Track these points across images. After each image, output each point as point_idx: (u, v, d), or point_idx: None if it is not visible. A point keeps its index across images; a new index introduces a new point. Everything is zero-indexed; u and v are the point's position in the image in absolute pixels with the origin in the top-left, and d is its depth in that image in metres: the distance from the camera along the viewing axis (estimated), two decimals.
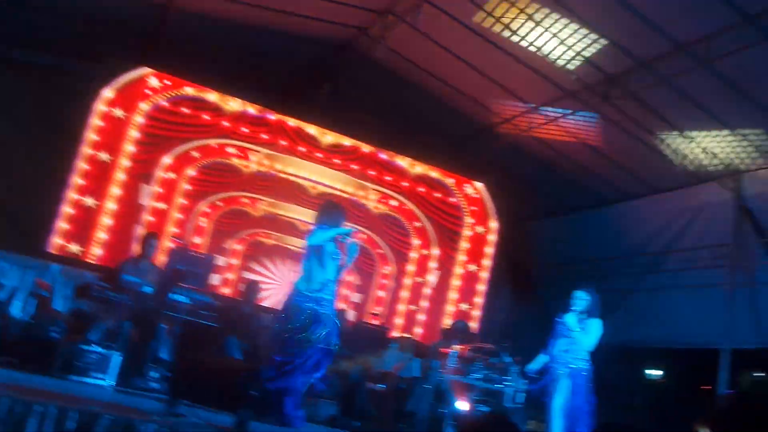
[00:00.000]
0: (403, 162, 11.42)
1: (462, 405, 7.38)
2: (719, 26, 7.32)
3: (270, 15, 9.67)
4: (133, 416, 4.14)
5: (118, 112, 9.73)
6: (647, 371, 13.56)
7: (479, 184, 11.78)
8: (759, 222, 9.11)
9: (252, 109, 10.55)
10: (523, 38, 8.89)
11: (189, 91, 10.24)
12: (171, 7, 9.48)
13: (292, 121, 10.81)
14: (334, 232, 5.79)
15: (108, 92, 9.66)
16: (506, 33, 8.94)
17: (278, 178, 10.86)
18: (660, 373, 13.48)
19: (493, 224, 11.76)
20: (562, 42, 8.66)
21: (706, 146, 9.08)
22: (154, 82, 10.01)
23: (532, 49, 8.99)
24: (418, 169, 11.52)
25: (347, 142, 11.11)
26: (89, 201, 9.44)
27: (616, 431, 2.35)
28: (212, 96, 10.35)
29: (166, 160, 10.11)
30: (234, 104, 10.44)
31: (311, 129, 10.92)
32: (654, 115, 9.06)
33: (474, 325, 11.01)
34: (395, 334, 10.54)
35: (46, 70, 9.83)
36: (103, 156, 9.59)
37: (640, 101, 8.90)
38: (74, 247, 9.29)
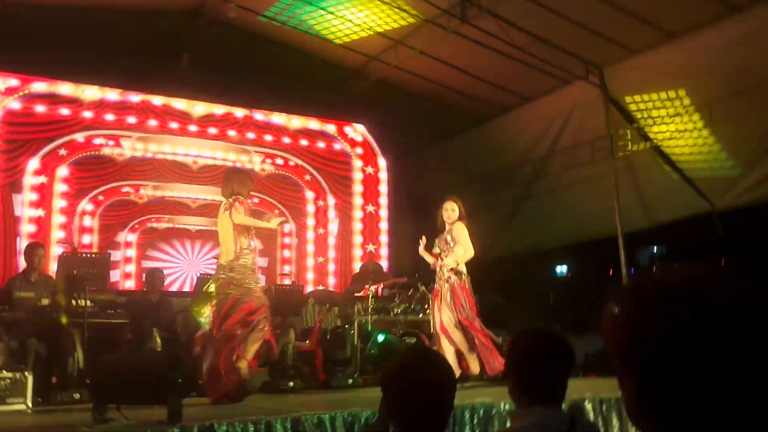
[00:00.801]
0: (279, 119, 11.27)
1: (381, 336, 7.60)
2: None
3: None
4: None
5: None
6: (557, 269, 14.19)
7: (360, 126, 11.80)
8: (626, 110, 9.58)
9: (113, 94, 10.07)
10: None
11: (39, 87, 9.64)
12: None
13: (157, 99, 10.41)
14: None
15: None
16: None
17: (156, 160, 10.50)
18: (566, 268, 14.15)
19: (382, 162, 11.85)
20: None
21: (566, 48, 9.38)
22: None
23: None
24: (296, 122, 11.40)
25: (219, 109, 10.83)
26: None
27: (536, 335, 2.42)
28: (66, 88, 9.79)
29: (33, 164, 9.54)
30: (92, 92, 9.93)
31: (179, 103, 10.57)
32: (512, 27, 9.25)
33: (384, 263, 11.17)
34: (309, 289, 10.56)
35: None
36: None
37: (497, 16, 9.05)
38: None
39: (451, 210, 6.71)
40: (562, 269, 14.27)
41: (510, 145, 11.26)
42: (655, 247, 12.95)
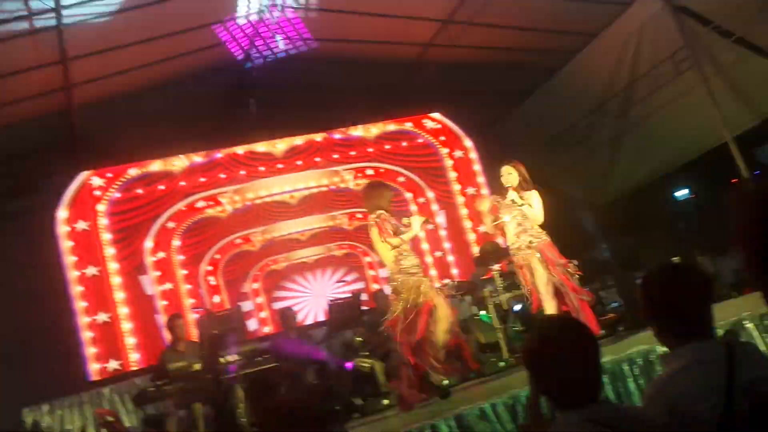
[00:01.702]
0: (357, 132, 11.38)
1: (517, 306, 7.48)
2: None
3: (169, 66, 9.53)
4: None
5: (82, 225, 9.67)
6: (677, 194, 13.56)
7: (436, 114, 11.76)
8: (696, 12, 9.11)
9: (198, 158, 10.48)
10: None
11: (133, 172, 10.16)
12: (72, 109, 9.34)
13: (240, 149, 10.75)
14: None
15: (62, 213, 9.60)
16: None
17: (256, 206, 10.84)
18: (687, 191, 13.50)
19: (468, 143, 11.75)
20: None
21: None
22: (97, 181, 9.94)
23: None
24: (374, 130, 11.49)
25: (299, 140, 11.06)
26: (102, 317, 9.43)
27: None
28: (156, 165, 10.28)
29: (148, 244, 10.07)
30: (179, 162, 10.38)
31: (260, 147, 10.87)
32: None
33: (501, 239, 11.06)
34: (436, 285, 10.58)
35: None
36: (91, 270, 9.55)
37: None
38: (113, 364, 9.30)
39: (507, 174, 6.40)
40: (684, 192, 13.65)
41: (588, 86, 10.91)
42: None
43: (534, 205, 6.26)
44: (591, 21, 10.18)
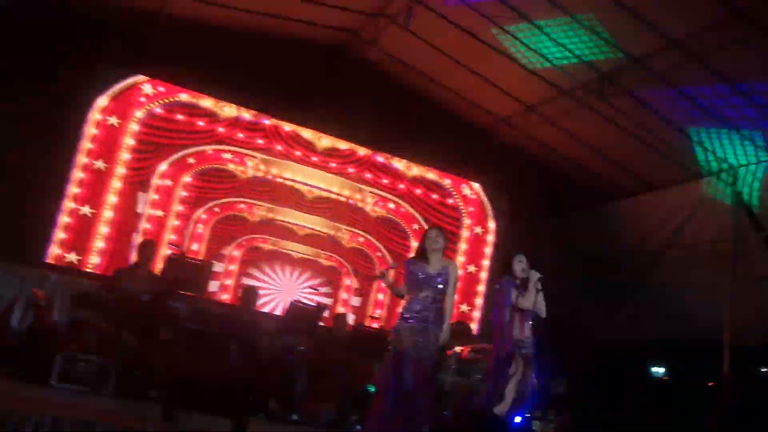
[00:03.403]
0: (399, 164, 11.40)
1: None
2: (710, 21, 7.30)
3: (263, 20, 9.67)
4: (130, 424, 4.12)
5: (113, 120, 9.72)
6: (652, 368, 13.45)
7: (476, 185, 11.76)
8: (755, 215, 9.08)
9: (247, 115, 10.54)
10: (516, 38, 8.88)
11: (183, 97, 10.23)
12: (164, 14, 9.47)
13: (287, 126, 10.80)
14: None
15: (102, 100, 9.67)
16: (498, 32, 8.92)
17: (275, 183, 10.85)
18: (663, 370, 13.39)
19: (491, 225, 11.73)
20: (555, 41, 8.64)
21: (703, 142, 9.06)
22: (148, 89, 10.01)
23: (525, 49, 8.98)
24: (415, 170, 11.50)
25: (343, 145, 11.09)
26: (86, 210, 9.42)
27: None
28: (207, 102, 10.34)
29: (162, 167, 10.10)
30: (229, 110, 10.43)
31: (306, 133, 10.91)
32: (650, 112, 9.04)
33: (474, 326, 10.98)
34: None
35: (39, 77, 9.79)
36: (99, 164, 9.58)
37: (635, 97, 8.88)
38: (72, 257, 9.27)
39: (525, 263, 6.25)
40: (658, 370, 13.49)
41: (627, 230, 10.89)
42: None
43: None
44: (657, 174, 10.21)
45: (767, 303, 9.03)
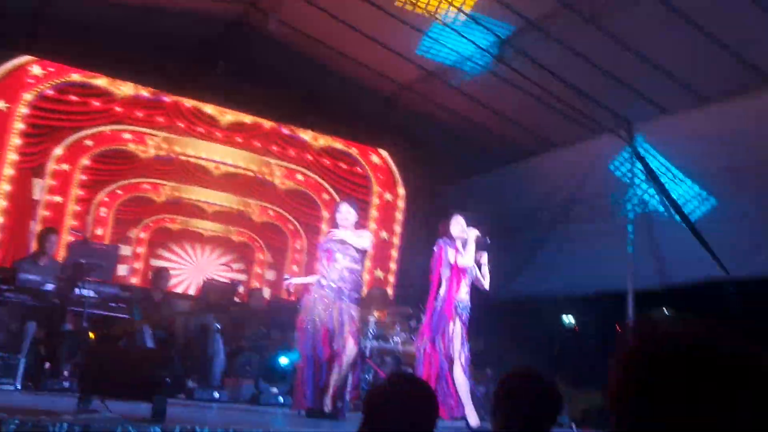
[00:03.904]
0: (305, 135, 11.32)
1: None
2: None
3: None
4: (43, 418, 3.98)
5: (1, 104, 9.22)
6: (563, 319, 13.97)
7: (384, 153, 11.82)
8: (651, 168, 9.51)
9: (145, 93, 10.19)
10: (415, 5, 8.89)
11: (76, 77, 9.79)
12: None
13: (188, 102, 10.52)
14: None
15: None
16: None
17: (179, 161, 10.58)
18: (573, 321, 13.95)
19: (401, 191, 11.84)
20: (451, 4, 8.70)
21: (600, 100, 9.36)
22: (36, 70, 9.52)
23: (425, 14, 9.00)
24: (322, 141, 11.45)
25: (247, 119, 10.91)
26: None
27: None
28: (101, 81, 9.93)
29: (58, 151, 9.67)
30: (126, 88, 10.05)
31: (209, 109, 10.66)
32: (547, 73, 9.26)
33: (390, 291, 11.12)
34: None
35: None
36: None
37: (532, 59, 9.07)
38: None
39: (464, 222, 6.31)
40: (569, 319, 14.06)
41: (531, 189, 11.20)
42: (665, 309, 12.73)
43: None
44: (558, 133, 10.51)
45: (664, 248, 9.53)
